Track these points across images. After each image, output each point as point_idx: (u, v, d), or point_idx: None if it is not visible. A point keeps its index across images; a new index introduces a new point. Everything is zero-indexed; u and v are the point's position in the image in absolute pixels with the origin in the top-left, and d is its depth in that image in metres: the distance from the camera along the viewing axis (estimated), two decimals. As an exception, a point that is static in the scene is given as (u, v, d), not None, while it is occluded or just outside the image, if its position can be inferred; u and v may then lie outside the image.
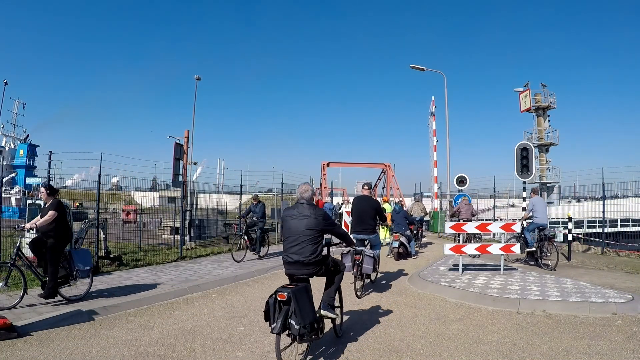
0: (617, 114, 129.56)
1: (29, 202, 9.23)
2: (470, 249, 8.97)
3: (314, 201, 4.78)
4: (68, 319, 5.56)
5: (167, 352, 4.60)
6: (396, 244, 11.83)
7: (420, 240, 14.68)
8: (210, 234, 17.42)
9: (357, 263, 7.12)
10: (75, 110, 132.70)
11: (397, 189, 26.45)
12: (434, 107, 27.03)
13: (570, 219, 12.60)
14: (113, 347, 4.72)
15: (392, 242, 12.04)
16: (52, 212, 6.15)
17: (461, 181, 20.17)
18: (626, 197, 29.29)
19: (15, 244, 6.18)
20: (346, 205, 17.34)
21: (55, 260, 6.17)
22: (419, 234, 14.62)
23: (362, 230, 7.65)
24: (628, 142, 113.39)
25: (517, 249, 9.15)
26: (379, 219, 7.88)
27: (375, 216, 7.74)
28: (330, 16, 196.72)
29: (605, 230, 14.34)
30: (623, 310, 6.04)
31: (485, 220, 18.96)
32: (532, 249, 10.09)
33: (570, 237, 12.02)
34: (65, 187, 13.61)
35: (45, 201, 6.44)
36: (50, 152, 8.69)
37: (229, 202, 25.22)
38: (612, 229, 24.50)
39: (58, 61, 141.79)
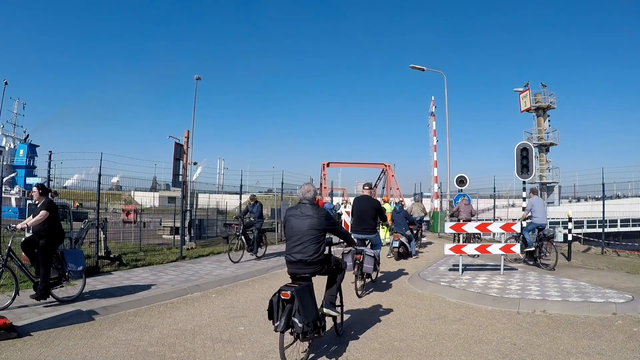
0: (617, 114, 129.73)
1: (29, 202, 9.25)
2: (470, 249, 8.98)
3: (315, 201, 4.82)
4: (68, 319, 5.55)
5: (167, 352, 4.60)
6: (396, 243, 11.87)
7: (420, 240, 14.70)
8: (210, 234, 17.41)
9: (358, 262, 7.17)
10: (75, 110, 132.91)
11: (397, 189, 26.46)
12: (434, 107, 27.05)
13: (570, 219, 12.59)
14: (113, 347, 4.72)
15: (393, 242, 12.06)
16: (43, 212, 6.05)
17: (461, 181, 20.19)
18: (626, 197, 29.32)
19: (9, 244, 6.04)
20: (345, 205, 17.30)
21: (47, 261, 6.06)
22: (418, 234, 14.64)
23: (362, 230, 7.69)
24: (628, 142, 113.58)
25: (517, 249, 9.17)
26: (379, 218, 7.91)
27: (375, 216, 7.77)
28: (330, 16, 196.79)
29: (605, 230, 14.33)
30: (623, 310, 6.04)
31: (485, 220, 18.99)
32: (531, 249, 10.10)
33: (570, 237, 12.01)
34: (65, 187, 13.64)
35: (37, 201, 6.34)
36: (50, 152, 8.71)
37: (229, 202, 25.24)
38: (612, 229, 24.51)
39: (58, 61, 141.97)
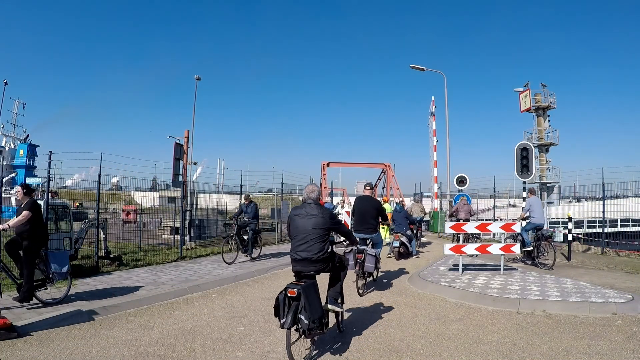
0: (617, 114, 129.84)
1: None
2: (470, 249, 8.97)
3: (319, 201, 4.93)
4: (68, 319, 5.56)
5: (167, 352, 4.60)
6: (397, 243, 11.92)
7: (419, 240, 14.73)
8: (210, 234, 17.40)
9: (360, 261, 7.26)
10: (75, 110, 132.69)
11: (397, 189, 26.44)
12: (434, 107, 27.02)
13: (570, 219, 12.59)
14: (113, 347, 4.72)
15: (393, 242, 12.10)
16: (25, 213, 5.89)
17: (461, 181, 20.18)
18: (626, 197, 29.28)
19: None
20: (342, 206, 17.28)
21: (31, 263, 5.92)
22: (418, 234, 14.65)
23: (364, 230, 7.77)
24: (628, 142, 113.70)
25: (517, 249, 9.18)
26: (380, 218, 7.96)
27: (377, 216, 7.84)
28: (330, 16, 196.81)
29: (605, 230, 14.31)
30: (623, 310, 6.04)
31: (485, 220, 18.99)
32: (529, 249, 10.13)
33: (570, 237, 12.00)
34: (65, 187, 13.63)
35: (21, 201, 6.16)
36: (50, 152, 8.66)
37: (229, 202, 25.21)
38: (612, 229, 24.52)
39: (58, 61, 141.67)
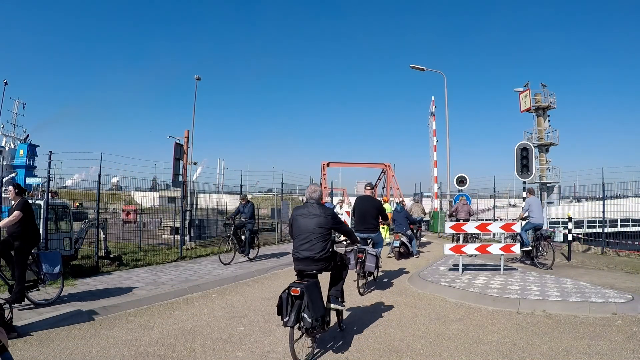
0: (617, 114, 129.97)
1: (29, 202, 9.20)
2: (470, 249, 8.97)
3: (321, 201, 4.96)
4: (68, 319, 5.56)
5: (167, 352, 4.60)
6: (397, 243, 11.95)
7: (419, 240, 14.74)
8: (210, 234, 17.40)
9: (360, 261, 7.28)
10: (75, 110, 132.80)
11: (397, 189, 26.43)
12: (434, 107, 27.02)
13: (570, 219, 12.59)
14: (113, 347, 4.72)
15: (393, 242, 12.12)
16: (17, 213, 5.82)
17: (461, 181, 20.18)
18: (626, 197, 29.27)
19: None
20: (340, 206, 17.26)
21: (22, 263, 5.86)
22: (417, 233, 14.67)
23: (365, 230, 7.80)
24: (628, 142, 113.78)
25: (517, 249, 9.17)
26: (381, 218, 7.98)
27: (377, 215, 7.87)
28: (330, 16, 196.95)
29: (605, 230, 14.31)
30: (623, 310, 6.04)
31: (485, 220, 18.99)
32: (528, 249, 10.14)
33: (570, 237, 12.00)
34: (65, 187, 13.65)
35: (13, 200, 6.09)
36: (50, 152, 8.65)
37: (229, 202, 25.21)
38: (612, 229, 24.51)
39: (58, 61, 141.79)
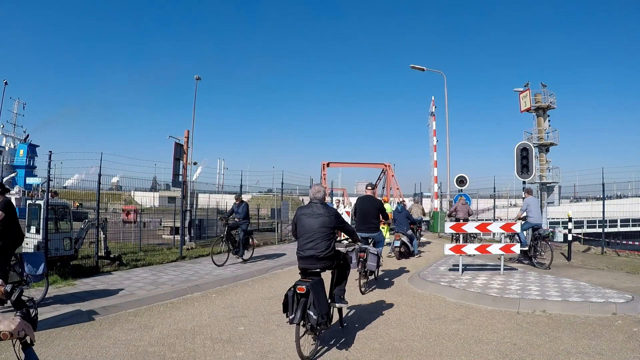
0: (617, 114, 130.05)
1: (29, 202, 9.20)
2: (470, 249, 8.97)
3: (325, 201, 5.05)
4: (68, 319, 5.56)
5: (167, 352, 4.60)
6: (398, 243, 11.99)
7: (419, 240, 14.75)
8: (210, 234, 17.38)
9: (362, 260, 7.33)
10: (75, 110, 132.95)
11: (397, 189, 26.42)
12: (434, 107, 27.02)
13: (570, 219, 12.58)
14: (113, 347, 4.72)
15: (394, 242, 12.15)
16: None
17: (461, 181, 20.17)
18: (626, 197, 29.25)
19: None
20: (339, 206, 17.27)
21: (4, 264, 5.74)
22: (417, 233, 14.68)
23: (366, 229, 7.89)
24: (628, 142, 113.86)
25: (516, 249, 9.17)
26: (382, 217, 8.05)
27: (378, 215, 7.96)
28: (331, 16, 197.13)
29: (605, 230, 14.31)
30: (623, 310, 6.04)
31: (485, 220, 18.99)
32: (525, 248, 10.15)
33: (570, 237, 12.00)
34: (65, 187, 13.64)
35: None
36: (50, 152, 8.65)
37: (229, 202, 25.13)
38: (612, 229, 24.47)
39: (58, 61, 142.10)
